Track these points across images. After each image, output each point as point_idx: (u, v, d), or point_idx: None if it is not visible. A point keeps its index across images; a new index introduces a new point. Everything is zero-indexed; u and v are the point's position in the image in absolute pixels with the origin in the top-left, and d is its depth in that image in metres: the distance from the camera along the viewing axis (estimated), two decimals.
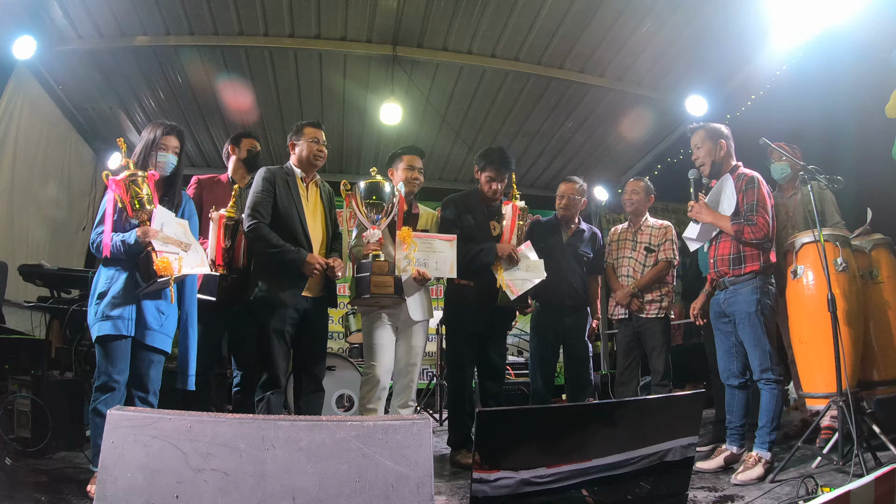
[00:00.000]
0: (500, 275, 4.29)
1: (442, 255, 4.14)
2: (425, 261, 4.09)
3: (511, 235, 4.38)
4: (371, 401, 4.01)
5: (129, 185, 3.29)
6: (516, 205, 4.43)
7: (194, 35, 6.45)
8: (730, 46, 6.54)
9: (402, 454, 1.94)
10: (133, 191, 3.29)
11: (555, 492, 2.36)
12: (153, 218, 3.33)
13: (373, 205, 3.94)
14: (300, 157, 4.02)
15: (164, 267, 3.27)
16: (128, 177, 3.29)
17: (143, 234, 3.27)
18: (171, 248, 3.37)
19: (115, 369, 3.24)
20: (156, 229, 3.31)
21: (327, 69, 7.22)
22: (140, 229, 3.28)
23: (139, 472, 1.93)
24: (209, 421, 1.97)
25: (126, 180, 3.29)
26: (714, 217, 3.90)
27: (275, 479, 1.88)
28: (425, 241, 4.14)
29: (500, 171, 4.48)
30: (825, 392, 3.67)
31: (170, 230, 3.40)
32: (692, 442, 2.66)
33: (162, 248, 3.31)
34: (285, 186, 3.91)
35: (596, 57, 7.01)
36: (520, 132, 8.72)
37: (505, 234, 4.42)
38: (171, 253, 3.34)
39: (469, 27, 6.51)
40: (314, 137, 4.02)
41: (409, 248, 4.05)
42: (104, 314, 3.26)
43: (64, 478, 3.66)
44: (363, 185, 3.94)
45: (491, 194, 4.50)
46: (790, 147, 4.61)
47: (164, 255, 3.30)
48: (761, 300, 3.72)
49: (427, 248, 4.13)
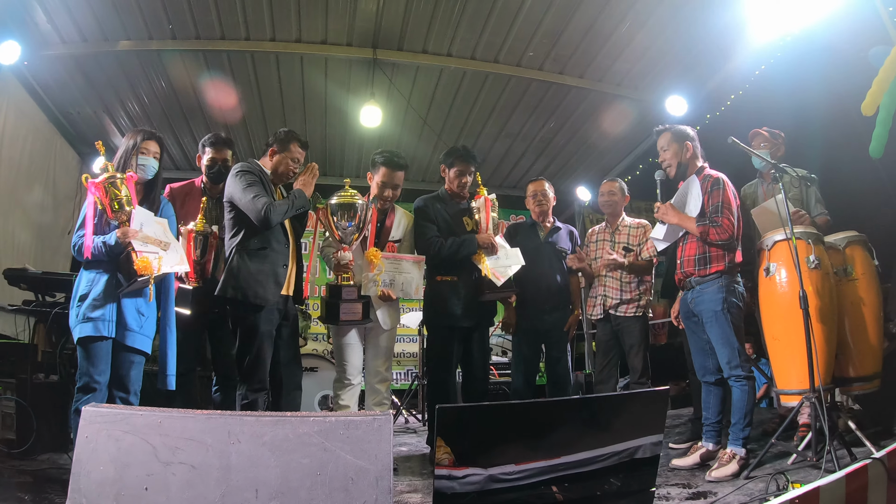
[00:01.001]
0: (484, 263, 4.36)
1: (409, 276, 4.30)
2: (391, 281, 4.22)
3: (488, 225, 4.45)
4: (343, 398, 4.20)
5: (109, 187, 3.33)
6: (488, 197, 4.51)
7: (176, 39, 6.48)
8: (709, 47, 6.60)
9: (361, 448, 1.99)
10: (112, 193, 3.34)
11: (524, 488, 2.38)
12: (132, 218, 3.38)
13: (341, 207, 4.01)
14: (275, 168, 3.95)
15: (143, 266, 3.33)
16: (107, 179, 3.34)
17: (122, 235, 3.32)
18: (150, 247, 3.42)
19: (96, 370, 3.29)
20: (135, 230, 3.36)
21: (309, 73, 7.27)
22: (120, 230, 3.34)
23: (111, 465, 2.00)
24: (178, 417, 2.03)
25: (105, 182, 3.33)
26: (679, 218, 3.94)
27: (239, 472, 1.94)
28: (394, 261, 4.29)
29: (468, 163, 4.60)
30: (798, 389, 3.68)
31: (149, 230, 3.45)
32: (659, 439, 2.68)
33: (142, 248, 3.36)
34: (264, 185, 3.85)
35: (575, 58, 7.05)
36: (501, 134, 8.77)
37: (482, 224, 4.48)
38: (150, 252, 3.40)
39: (448, 29, 6.55)
40: (296, 157, 3.99)
41: (377, 270, 4.18)
42: (85, 316, 3.31)
43: (48, 478, 3.70)
44: (335, 201, 4.01)
45: (460, 189, 4.61)
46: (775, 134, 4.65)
47: (144, 255, 3.35)
48: (727, 298, 3.74)
49: (394, 269, 4.27)
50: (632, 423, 2.64)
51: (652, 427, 2.66)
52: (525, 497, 2.40)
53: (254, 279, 3.68)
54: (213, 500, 1.92)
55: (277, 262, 3.78)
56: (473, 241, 4.39)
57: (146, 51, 6.59)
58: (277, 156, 3.95)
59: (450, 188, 4.66)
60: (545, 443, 2.47)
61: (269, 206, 3.62)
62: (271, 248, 3.77)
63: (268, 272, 3.73)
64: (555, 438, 2.50)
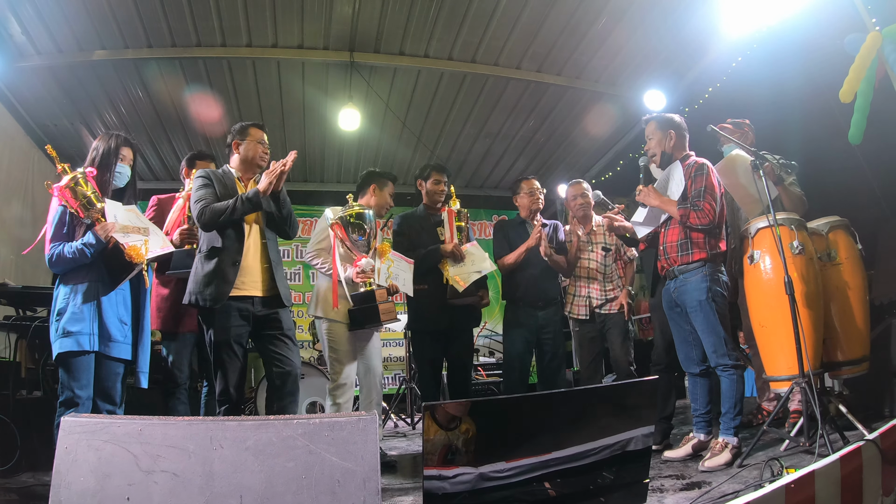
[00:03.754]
0: (447, 270, 4.61)
1: (406, 274, 4.48)
2: (397, 276, 4.38)
3: (452, 236, 4.72)
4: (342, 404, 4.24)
5: (74, 188, 3.30)
6: (451, 209, 4.81)
7: (152, 48, 6.46)
8: (685, 40, 6.64)
9: (347, 450, 1.97)
10: (79, 193, 3.31)
11: (515, 486, 2.36)
12: (105, 213, 3.36)
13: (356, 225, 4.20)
14: (245, 158, 3.91)
15: (135, 255, 3.34)
16: (70, 180, 3.30)
17: (102, 231, 3.30)
18: (132, 236, 3.42)
19: (78, 384, 3.24)
20: (112, 223, 3.35)
21: (286, 78, 7.27)
22: (99, 226, 3.31)
23: (91, 475, 1.97)
24: (159, 424, 2.00)
25: (69, 184, 3.30)
26: (661, 201, 3.93)
27: (223, 479, 1.91)
28: (397, 259, 4.46)
29: (442, 172, 4.96)
30: (787, 374, 3.69)
31: (123, 219, 3.44)
32: (650, 430, 2.67)
33: (125, 240, 3.35)
34: (222, 186, 3.78)
35: (552, 56, 7.07)
36: (481, 134, 8.79)
37: (446, 235, 4.74)
38: (134, 241, 3.40)
39: (424, 31, 6.57)
40: (260, 139, 3.94)
41: (387, 262, 4.34)
42: (65, 330, 3.25)
43: (32, 495, 3.64)
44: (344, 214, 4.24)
45: (439, 196, 4.92)
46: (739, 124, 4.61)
47: (132, 244, 3.36)
48: (711, 288, 3.73)
49: (397, 266, 4.44)
50: (623, 414, 2.62)
51: (643, 418, 2.65)
52: (517, 494, 2.37)
53: (203, 281, 3.59)
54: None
55: (225, 260, 3.65)
56: (437, 252, 4.65)
57: (122, 60, 6.58)
58: (241, 146, 3.91)
59: (427, 201, 4.95)
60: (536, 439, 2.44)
61: (203, 207, 3.60)
62: (221, 247, 3.66)
63: (214, 272, 3.61)
64: (545, 433, 2.47)
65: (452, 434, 2.24)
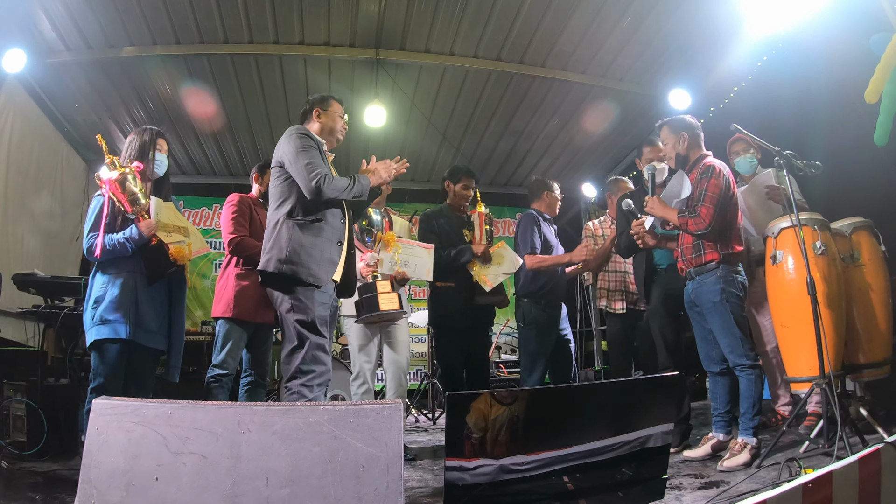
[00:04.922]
0: (476, 270, 4.68)
1: (421, 259, 4.54)
2: (406, 263, 4.43)
3: (481, 237, 4.80)
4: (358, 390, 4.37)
5: (123, 182, 3.38)
6: (481, 212, 4.86)
7: (181, 44, 6.54)
8: (710, 39, 6.58)
9: (372, 436, 2.00)
10: (128, 188, 3.39)
11: (535, 479, 2.37)
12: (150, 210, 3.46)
13: (364, 229, 4.40)
14: (326, 128, 3.68)
15: (180, 257, 3.50)
16: (120, 175, 3.38)
17: (146, 228, 3.39)
18: (174, 235, 3.53)
19: (111, 372, 3.31)
20: (155, 221, 3.45)
21: (312, 74, 7.31)
22: (142, 223, 3.40)
23: (121, 456, 2.01)
24: (188, 407, 2.04)
25: (119, 178, 3.37)
26: (664, 211, 3.91)
27: (249, 461, 1.95)
28: (407, 246, 4.52)
29: (472, 177, 5.00)
30: (808, 375, 3.67)
31: (164, 217, 3.54)
32: (669, 428, 2.67)
33: (168, 239, 3.47)
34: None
35: (577, 54, 7.06)
36: (506, 132, 8.78)
37: (476, 237, 4.82)
38: (177, 242, 3.52)
39: (450, 28, 6.59)
40: (342, 113, 3.77)
41: (393, 251, 4.40)
42: (102, 318, 3.33)
43: (58, 479, 3.71)
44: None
45: (465, 200, 4.98)
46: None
47: (175, 244, 3.48)
48: (726, 289, 3.71)
49: (408, 253, 4.49)
50: (643, 410, 2.62)
51: (663, 414, 2.66)
52: (536, 487, 2.39)
53: (307, 254, 3.30)
54: (223, 488, 1.93)
55: (331, 238, 3.42)
56: (468, 251, 4.70)
57: (150, 56, 6.66)
58: (323, 115, 3.71)
59: (453, 202, 5.00)
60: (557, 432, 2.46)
61: (323, 176, 3.28)
62: (326, 222, 3.41)
63: (322, 247, 3.37)
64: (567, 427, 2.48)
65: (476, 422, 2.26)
